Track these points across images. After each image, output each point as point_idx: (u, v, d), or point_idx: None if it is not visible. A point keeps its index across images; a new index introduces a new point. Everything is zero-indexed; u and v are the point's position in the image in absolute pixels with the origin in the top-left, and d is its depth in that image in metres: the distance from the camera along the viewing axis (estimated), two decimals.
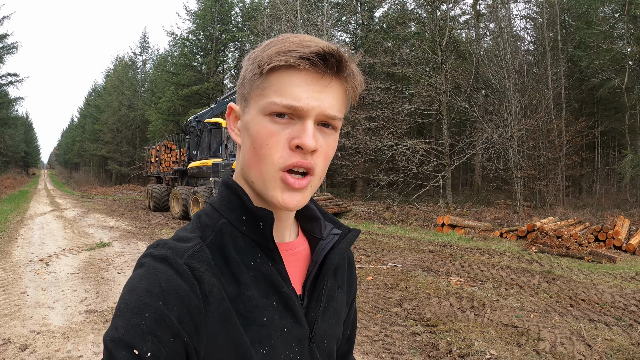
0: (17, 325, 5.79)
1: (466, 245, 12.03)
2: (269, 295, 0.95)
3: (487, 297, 7.06)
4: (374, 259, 10.19)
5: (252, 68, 0.92)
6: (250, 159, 0.94)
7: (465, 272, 8.82)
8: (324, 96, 0.89)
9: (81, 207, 25.41)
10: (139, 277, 0.85)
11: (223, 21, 40.88)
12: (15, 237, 13.69)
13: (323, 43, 0.88)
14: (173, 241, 0.93)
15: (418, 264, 9.56)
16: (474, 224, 15.41)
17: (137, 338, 0.78)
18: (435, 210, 19.95)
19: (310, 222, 1.11)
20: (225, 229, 0.96)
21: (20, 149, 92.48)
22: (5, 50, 35.07)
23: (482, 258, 10.24)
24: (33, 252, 11.14)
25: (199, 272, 0.87)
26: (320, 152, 0.92)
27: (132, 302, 0.81)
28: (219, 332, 0.86)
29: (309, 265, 1.07)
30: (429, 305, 6.62)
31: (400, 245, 12.03)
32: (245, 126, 0.96)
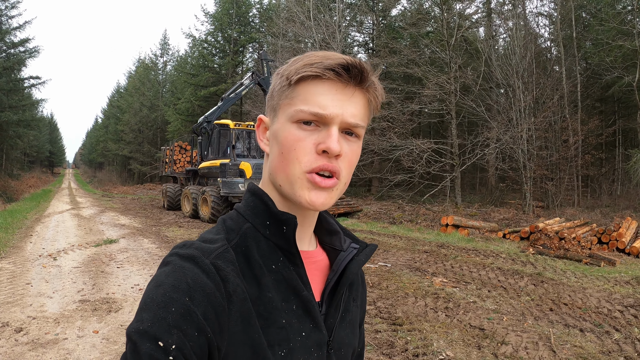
0: (17, 311, 6.44)
1: (465, 246, 12.04)
2: (288, 298, 0.98)
3: (466, 298, 7.11)
4: None
5: (281, 81, 0.99)
6: (278, 163, 0.98)
7: (453, 273, 8.87)
8: (348, 105, 0.95)
9: (99, 206, 26.00)
10: (166, 273, 0.88)
11: (241, 22, 41.20)
12: (30, 233, 14.30)
13: (346, 56, 0.95)
14: (199, 242, 0.96)
15: (408, 264, 9.64)
16: (479, 224, 15.36)
17: (163, 331, 0.80)
18: (444, 210, 19.87)
19: (330, 235, 1.16)
20: (249, 233, 1.00)
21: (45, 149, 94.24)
22: (27, 54, 35.73)
23: (475, 259, 10.25)
24: (44, 247, 11.72)
25: (224, 272, 0.90)
26: (344, 158, 0.96)
27: (158, 296, 0.84)
28: (240, 331, 0.89)
29: (327, 275, 1.10)
30: (403, 304, 6.73)
31: (397, 245, 12.12)
32: (274, 134, 1.00)
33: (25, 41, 35.63)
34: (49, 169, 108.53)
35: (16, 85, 36.09)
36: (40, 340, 5.41)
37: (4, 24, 34.64)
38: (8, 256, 10.64)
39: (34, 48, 36.03)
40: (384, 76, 28.66)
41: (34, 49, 36.00)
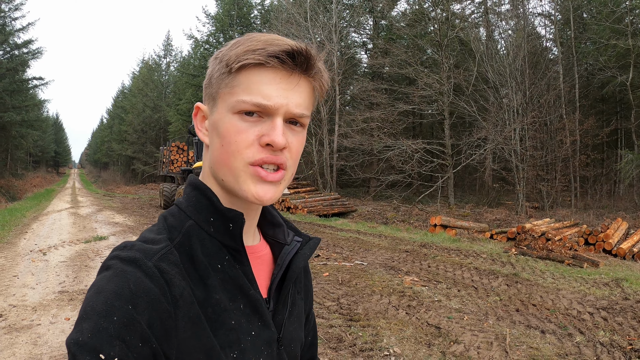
0: (0, 300, 7.01)
1: (448, 246, 12.03)
2: (235, 298, 0.94)
3: (432, 297, 7.16)
4: (344, 256, 10.41)
5: (220, 67, 0.93)
6: (219, 156, 0.94)
7: (427, 272, 8.91)
8: (293, 94, 0.90)
9: (98, 205, 26.29)
10: (107, 279, 0.82)
11: (242, 24, 41.17)
12: (25, 230, 14.74)
13: (291, 41, 0.90)
14: (141, 243, 0.90)
15: (384, 263, 9.71)
16: (469, 225, 15.34)
17: (104, 342, 0.75)
18: (438, 210, 19.87)
19: (273, 227, 1.13)
20: (192, 231, 0.95)
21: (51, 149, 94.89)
22: (31, 55, 36.23)
23: (454, 259, 10.26)
24: (36, 243, 12.15)
25: (169, 275, 0.85)
26: (290, 149, 0.93)
27: (99, 304, 0.78)
28: (190, 336, 0.85)
29: (272, 270, 1.08)
30: (366, 301, 6.84)
31: (380, 244, 12.16)
32: (213, 125, 0.96)
33: (29, 42, 36.14)
34: (54, 169, 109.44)
35: (19, 86, 36.45)
36: (16, 325, 5.91)
37: (7, 26, 35.00)
38: (1, 251, 11.09)
39: (37, 49, 36.59)
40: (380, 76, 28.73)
41: (37, 50, 36.56)
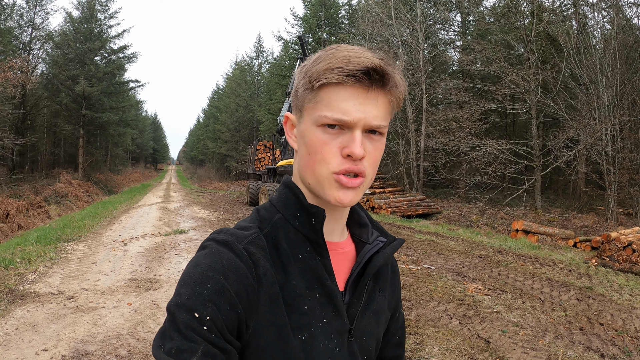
0: (75, 284, 7.68)
1: (526, 253, 11.53)
2: (312, 287, 1.03)
3: (491, 307, 6.92)
4: (414, 259, 10.33)
5: (304, 82, 1.01)
6: (306, 163, 1.03)
7: (495, 280, 8.63)
8: (369, 108, 0.97)
9: (187, 200, 27.26)
10: (203, 256, 0.97)
11: (330, 24, 41.30)
12: (114, 222, 15.68)
13: (367, 59, 0.96)
14: (235, 229, 1.04)
15: (453, 268, 9.54)
16: (553, 231, 14.74)
17: (199, 304, 0.88)
18: (524, 215, 19.23)
19: (360, 228, 1.21)
20: (279, 223, 1.07)
21: (149, 146, 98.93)
22: (126, 60, 38.34)
23: (528, 267, 9.81)
24: (120, 234, 12.96)
25: (255, 256, 0.98)
26: (368, 157, 1.00)
27: (196, 274, 0.93)
28: (267, 311, 0.96)
29: (353, 265, 1.15)
30: (422, 307, 6.80)
31: (454, 248, 11.93)
32: (300, 134, 1.05)
33: (124, 48, 38.25)
34: (152, 165, 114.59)
35: (117, 88, 38.35)
36: (83, 307, 6.46)
37: (104, 33, 36.99)
38: (86, 240, 12.00)
39: (133, 54, 38.76)
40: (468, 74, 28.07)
41: (133, 54, 38.72)
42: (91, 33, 35.70)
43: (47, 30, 34.70)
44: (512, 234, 15.22)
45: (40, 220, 18.87)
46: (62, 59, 34.01)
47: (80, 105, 34.21)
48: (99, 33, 36.58)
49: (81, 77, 32.43)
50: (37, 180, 28.60)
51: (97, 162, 41.52)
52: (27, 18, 33.75)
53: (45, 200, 22.83)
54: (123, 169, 59.81)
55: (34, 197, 21.75)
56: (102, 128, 38.07)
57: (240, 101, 56.85)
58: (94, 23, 36.13)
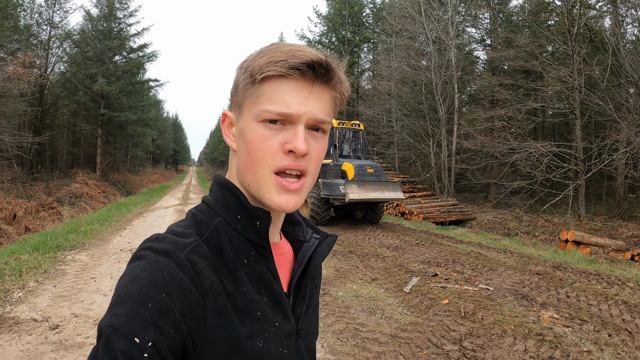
0: (65, 307, 6.40)
1: (585, 269, 10.20)
2: (260, 291, 0.99)
3: (579, 344, 5.66)
4: (466, 277, 8.97)
5: (245, 77, 0.98)
6: (245, 162, 0.99)
7: (567, 305, 7.31)
8: (313, 102, 0.94)
9: None
10: (140, 268, 0.86)
11: (354, 23, 40.46)
12: (125, 227, 14.49)
13: (312, 53, 0.94)
14: (172, 236, 0.94)
15: (514, 289, 8.18)
16: (604, 242, 13.46)
17: (139, 327, 0.79)
18: (566, 222, 17.91)
19: (293, 226, 1.20)
20: (220, 227, 1.00)
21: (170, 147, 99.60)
22: (146, 59, 37.53)
23: (596, 287, 8.50)
24: (130, 242, 11.76)
25: (199, 267, 0.90)
26: (311, 155, 0.97)
27: (134, 291, 0.82)
28: (216, 325, 0.89)
29: (292, 266, 1.14)
30: (497, 346, 5.45)
31: (506, 263, 10.59)
32: (240, 132, 1.01)
33: (144, 47, 37.45)
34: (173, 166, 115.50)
35: (136, 87, 37.73)
36: (69, 342, 5.24)
37: (123, 31, 36.35)
38: (90, 248, 10.75)
39: (152, 53, 37.88)
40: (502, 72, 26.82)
41: (152, 53, 37.85)
42: (110, 31, 35.07)
43: (65, 28, 34.21)
44: (560, 244, 13.97)
45: (51, 222, 17.85)
46: (81, 57, 33.46)
47: (98, 104, 33.62)
48: (118, 31, 35.97)
49: (99, 75, 31.84)
50: (54, 180, 27.80)
51: (115, 162, 40.83)
52: (46, 16, 33.32)
53: (59, 201, 21.89)
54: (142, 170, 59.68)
55: (45, 198, 20.73)
56: (120, 128, 37.34)
57: None
58: (113, 21, 35.48)
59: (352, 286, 8.13)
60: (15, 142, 23.40)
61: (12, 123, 25.97)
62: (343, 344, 5.37)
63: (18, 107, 24.96)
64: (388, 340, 5.42)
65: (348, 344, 5.38)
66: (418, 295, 7.51)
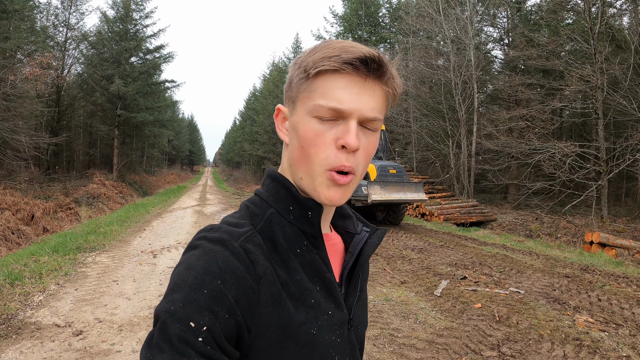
0: (88, 311, 6.17)
1: (613, 271, 9.92)
2: (313, 280, 1.00)
3: (617, 349, 5.45)
4: (495, 280, 8.72)
5: (299, 72, 0.99)
6: (298, 157, 1.00)
7: (600, 309, 7.08)
8: (365, 98, 0.94)
9: (225, 204, 26.00)
10: (196, 257, 0.88)
11: (370, 23, 40.23)
12: (144, 228, 14.34)
13: (365, 48, 0.95)
14: (227, 226, 0.96)
15: (545, 292, 7.94)
16: (629, 243, 13.18)
17: (195, 312, 0.81)
18: (588, 224, 17.61)
19: (343, 219, 1.20)
20: (273, 218, 1.01)
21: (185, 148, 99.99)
22: (162, 60, 37.60)
23: (627, 290, 8.24)
24: (150, 243, 11.55)
25: (253, 255, 0.92)
26: (361, 151, 0.97)
27: (190, 278, 0.84)
28: (270, 312, 0.90)
29: (343, 257, 1.14)
30: (535, 352, 5.23)
31: (533, 265, 10.32)
32: (293, 126, 1.02)
33: (160, 48, 37.54)
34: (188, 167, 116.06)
35: (152, 88, 37.81)
36: (93, 349, 5.01)
37: (139, 32, 36.46)
38: (111, 249, 10.57)
39: (169, 54, 37.95)
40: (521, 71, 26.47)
41: (169, 54, 37.92)
42: (126, 33, 35.18)
43: (82, 30, 34.41)
44: (585, 246, 13.70)
45: (69, 222, 17.82)
46: (97, 58, 33.59)
47: (115, 105, 33.70)
48: (135, 33, 36.07)
49: (116, 76, 31.91)
50: (71, 180, 27.85)
51: (132, 163, 40.97)
52: (62, 18, 33.47)
53: (76, 201, 21.89)
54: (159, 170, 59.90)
55: (63, 198, 20.71)
56: (137, 128, 37.50)
57: (277, 103, 56.13)
58: (129, 23, 35.58)
59: (382, 289, 7.94)
60: (32, 143, 23.39)
61: (30, 124, 26.07)
62: (380, 350, 5.18)
63: (35, 108, 24.93)
64: (425, 347, 5.22)
65: (385, 350, 5.19)
66: (450, 299, 7.31)
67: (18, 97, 21.90)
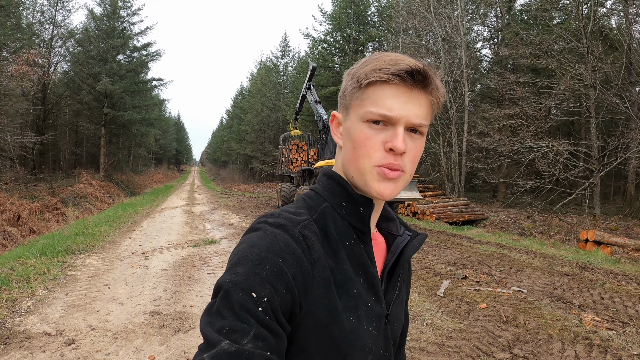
0: (80, 317, 5.82)
1: (611, 269, 9.88)
2: (357, 272, 1.05)
3: (627, 347, 5.34)
4: (497, 279, 8.58)
5: (352, 82, 1.07)
6: (350, 157, 1.07)
7: (604, 307, 6.98)
8: (412, 107, 1.01)
9: (214, 203, 25.70)
10: (258, 237, 0.95)
11: (359, 21, 40.05)
12: (133, 228, 13.99)
13: (412, 61, 1.01)
14: (287, 213, 1.04)
15: (547, 291, 7.83)
16: (623, 241, 13.15)
17: (257, 284, 0.87)
18: (580, 222, 17.57)
19: (387, 221, 1.25)
20: (327, 211, 1.09)
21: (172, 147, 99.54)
22: (150, 58, 37.20)
23: (627, 288, 8.18)
24: (141, 244, 11.22)
25: (310, 240, 0.99)
26: (408, 154, 1.04)
27: (253, 254, 0.91)
28: (320, 294, 0.96)
29: (385, 256, 1.20)
30: (547, 352, 5.08)
31: (532, 264, 10.21)
32: (346, 131, 1.10)
33: (147, 45, 37.11)
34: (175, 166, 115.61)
35: (140, 86, 37.32)
36: (87, 358, 4.67)
37: (126, 30, 36.04)
38: (101, 251, 10.20)
39: (156, 52, 37.56)
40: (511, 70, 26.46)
41: (156, 52, 37.52)
42: (113, 30, 34.77)
43: (68, 27, 33.91)
44: (580, 244, 13.65)
45: (56, 223, 17.44)
46: (84, 56, 33.15)
47: (102, 103, 33.28)
48: (122, 30, 35.66)
49: (103, 74, 31.51)
50: (57, 180, 27.42)
51: (119, 163, 40.44)
52: (48, 15, 32.91)
53: (63, 201, 21.48)
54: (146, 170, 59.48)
55: (49, 199, 20.32)
56: (124, 127, 37.00)
57: (265, 101, 56.25)
58: (116, 20, 35.15)
59: None
60: (18, 142, 22.99)
61: (15, 122, 25.65)
62: None
63: (21, 107, 24.51)
64: (436, 350, 5.03)
65: None
66: (454, 300, 7.14)
67: (4, 95, 21.56)
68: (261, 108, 56.56)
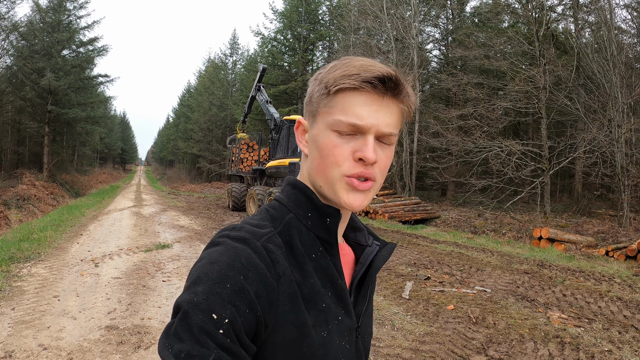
0: (29, 335, 5.24)
1: (567, 266, 10.10)
2: (325, 285, 1.02)
3: (597, 344, 5.39)
4: (459, 279, 8.58)
5: (320, 88, 1.02)
6: (318, 166, 1.03)
7: (568, 304, 7.06)
8: (382, 115, 0.98)
9: (162, 204, 25.07)
10: (219, 252, 0.91)
11: (310, 20, 40.05)
12: (81, 232, 13.38)
13: (383, 67, 0.97)
14: (249, 226, 0.99)
15: (510, 289, 7.88)
16: (575, 238, 13.47)
17: (217, 304, 0.82)
18: (532, 220, 17.93)
19: (354, 231, 1.21)
20: (292, 223, 1.04)
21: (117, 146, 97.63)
22: (96, 53, 36.43)
23: (587, 284, 8.36)
24: (90, 250, 10.67)
25: (274, 254, 0.94)
26: (379, 163, 1.00)
27: (213, 272, 0.86)
28: (287, 310, 0.92)
29: (353, 268, 1.16)
30: (521, 353, 5.06)
31: (490, 263, 10.30)
32: (313, 138, 1.05)
33: (94, 40, 36.34)
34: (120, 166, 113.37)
35: (85, 83, 36.45)
36: None
37: (72, 24, 35.12)
38: (47, 259, 9.57)
39: (103, 47, 36.81)
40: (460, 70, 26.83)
41: (103, 47, 36.77)
42: (59, 23, 33.74)
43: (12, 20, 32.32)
44: (534, 242, 13.88)
45: None
46: (28, 50, 31.97)
47: (45, 100, 32.15)
48: (68, 24, 34.67)
49: (47, 70, 30.41)
50: None
51: (63, 162, 39.19)
52: None
53: (5, 204, 20.61)
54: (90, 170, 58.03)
55: None
56: (69, 125, 35.92)
57: (213, 100, 55.77)
58: (63, 13, 34.18)
59: None
60: None
61: None
62: None
63: None
64: (412, 356, 4.88)
65: None
66: (420, 302, 7.05)
67: None
68: (209, 106, 56.02)
